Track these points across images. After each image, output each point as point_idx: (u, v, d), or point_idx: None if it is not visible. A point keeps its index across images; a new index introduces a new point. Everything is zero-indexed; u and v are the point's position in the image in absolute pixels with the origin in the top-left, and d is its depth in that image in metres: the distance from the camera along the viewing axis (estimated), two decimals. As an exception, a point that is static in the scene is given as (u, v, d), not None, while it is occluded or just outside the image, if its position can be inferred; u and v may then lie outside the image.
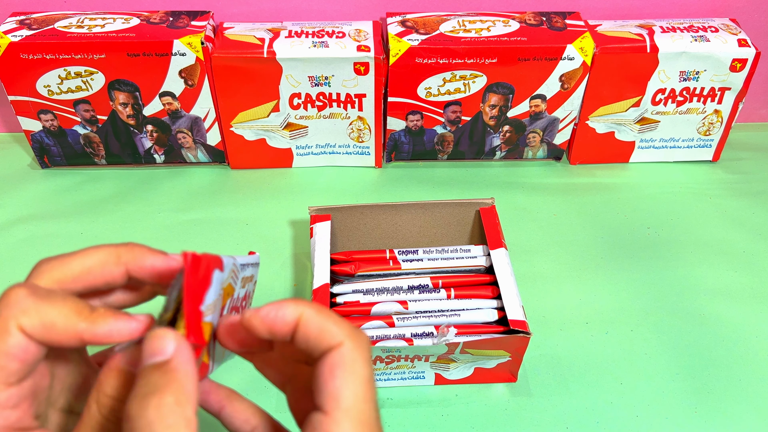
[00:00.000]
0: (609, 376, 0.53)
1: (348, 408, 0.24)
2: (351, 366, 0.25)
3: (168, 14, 0.67)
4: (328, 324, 0.26)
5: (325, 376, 0.25)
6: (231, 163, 0.73)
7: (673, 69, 0.67)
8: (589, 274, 0.61)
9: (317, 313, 0.26)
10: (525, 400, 0.51)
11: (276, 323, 0.26)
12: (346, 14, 0.72)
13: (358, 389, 0.25)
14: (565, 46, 0.64)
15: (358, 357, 0.26)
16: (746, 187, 0.72)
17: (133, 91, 0.66)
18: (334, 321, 0.26)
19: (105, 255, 0.28)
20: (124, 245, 0.28)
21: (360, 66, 0.64)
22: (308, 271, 0.61)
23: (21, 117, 0.68)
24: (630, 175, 0.73)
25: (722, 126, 0.72)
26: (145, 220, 0.67)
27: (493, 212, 0.58)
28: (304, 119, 0.69)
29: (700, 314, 0.58)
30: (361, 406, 0.25)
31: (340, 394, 0.25)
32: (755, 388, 0.52)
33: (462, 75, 0.66)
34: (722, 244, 0.65)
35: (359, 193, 0.70)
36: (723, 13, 0.73)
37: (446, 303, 0.52)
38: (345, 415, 0.24)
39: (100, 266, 0.27)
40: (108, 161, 0.73)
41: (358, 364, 0.25)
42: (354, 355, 0.25)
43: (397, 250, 0.56)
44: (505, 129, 0.71)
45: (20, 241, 0.64)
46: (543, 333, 0.56)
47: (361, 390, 0.25)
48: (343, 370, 0.25)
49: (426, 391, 0.52)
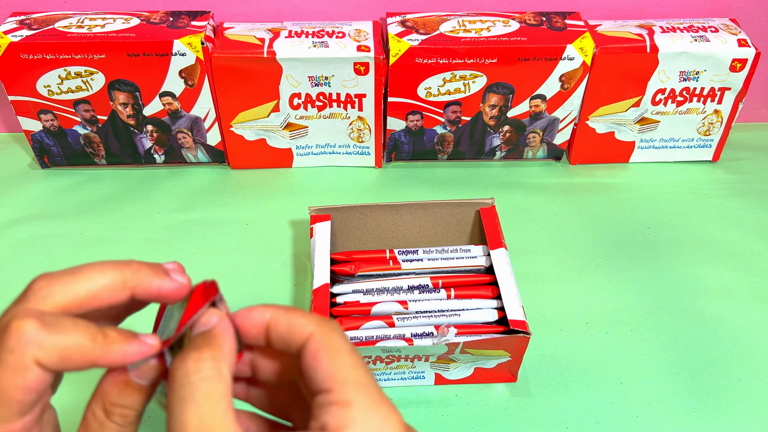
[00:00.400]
0: (609, 376, 0.53)
1: (345, 379, 0.26)
2: (329, 345, 0.27)
3: (168, 14, 0.67)
4: (295, 319, 0.28)
5: (311, 364, 0.26)
6: (231, 163, 0.73)
7: (673, 69, 0.67)
8: (589, 274, 0.61)
9: (284, 313, 0.28)
10: (525, 400, 0.51)
11: (246, 328, 0.28)
12: (346, 14, 0.72)
13: (345, 360, 0.26)
14: (565, 46, 0.64)
15: (333, 336, 0.27)
16: (746, 187, 0.72)
17: (133, 91, 0.66)
18: (301, 315, 0.28)
19: (111, 279, 0.27)
20: (128, 266, 0.28)
21: (360, 66, 0.64)
22: (308, 271, 0.61)
23: (21, 117, 0.68)
24: (630, 175, 0.73)
25: (722, 126, 0.72)
26: (145, 220, 0.67)
27: (493, 212, 0.58)
28: (304, 119, 0.69)
29: (700, 314, 0.58)
30: (355, 372, 0.26)
31: (331, 370, 0.26)
32: (755, 388, 0.52)
33: (462, 75, 0.66)
34: (722, 244, 0.65)
35: (359, 193, 0.70)
36: (723, 13, 0.73)
37: (446, 303, 0.52)
38: (345, 385, 0.26)
39: (107, 291, 0.27)
40: (108, 161, 0.73)
41: (335, 341, 0.27)
42: (327, 337, 0.27)
43: (397, 250, 0.56)
44: (505, 129, 0.71)
45: (20, 241, 0.64)
46: (543, 333, 0.56)
47: (348, 360, 0.26)
48: (324, 352, 0.26)
49: (426, 391, 0.52)
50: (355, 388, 0.26)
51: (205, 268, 0.62)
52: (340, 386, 0.26)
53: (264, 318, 0.28)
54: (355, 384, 0.26)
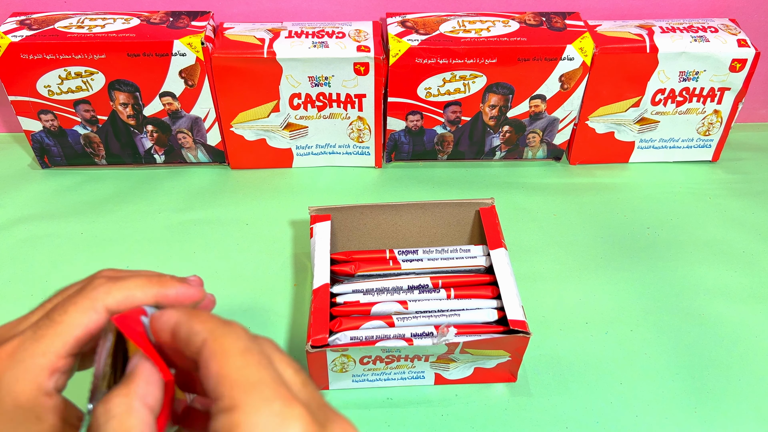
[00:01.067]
0: (609, 376, 0.53)
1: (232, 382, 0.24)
2: (219, 350, 0.25)
3: (168, 14, 0.67)
4: (191, 325, 0.26)
5: (204, 374, 0.25)
6: (231, 163, 0.73)
7: (672, 69, 0.67)
8: (589, 274, 0.61)
9: (186, 320, 0.27)
10: (525, 400, 0.51)
11: (160, 339, 0.28)
12: (346, 14, 0.72)
13: (234, 362, 0.25)
14: (564, 47, 0.64)
15: (224, 340, 0.25)
16: (746, 187, 0.72)
17: (134, 91, 0.66)
18: (198, 321, 0.27)
19: (146, 294, 0.30)
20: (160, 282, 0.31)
21: (360, 66, 0.64)
22: (308, 271, 0.61)
23: (21, 117, 0.68)
24: (630, 175, 0.73)
25: (722, 126, 0.72)
26: (145, 220, 0.67)
27: (492, 212, 0.58)
28: (304, 119, 0.69)
29: (700, 314, 0.58)
30: (245, 372, 0.24)
31: (219, 376, 0.25)
32: (755, 388, 0.52)
33: (462, 75, 0.66)
34: (722, 244, 0.65)
35: (359, 193, 0.70)
36: (723, 13, 0.73)
37: (446, 303, 0.52)
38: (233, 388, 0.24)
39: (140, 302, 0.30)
40: (108, 161, 0.73)
41: (225, 344, 0.25)
42: (218, 342, 0.25)
43: (397, 250, 0.56)
44: (504, 129, 0.71)
45: (20, 241, 0.64)
46: (543, 333, 0.56)
47: (237, 361, 0.25)
48: (212, 358, 0.25)
49: (426, 390, 0.52)
50: (243, 389, 0.24)
51: (205, 268, 0.62)
52: (229, 391, 0.24)
53: (170, 325, 0.27)
54: (243, 385, 0.24)
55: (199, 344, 0.26)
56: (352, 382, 0.51)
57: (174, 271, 0.62)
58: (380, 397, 0.52)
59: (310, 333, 0.47)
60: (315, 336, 0.47)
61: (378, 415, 0.50)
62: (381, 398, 0.52)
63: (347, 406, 0.51)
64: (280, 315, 0.57)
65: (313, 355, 0.47)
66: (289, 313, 0.58)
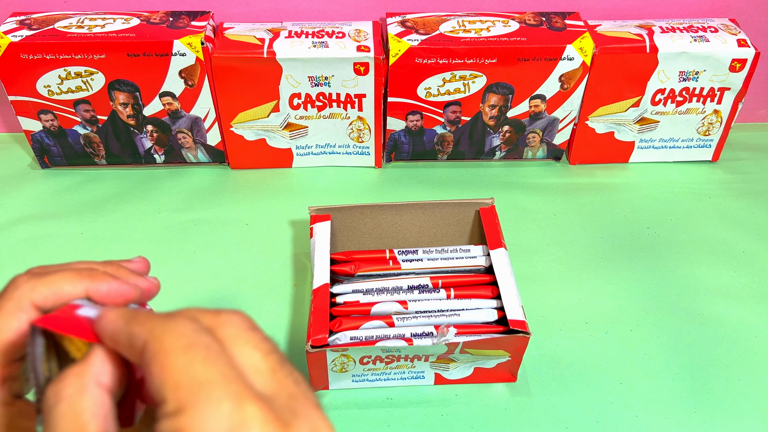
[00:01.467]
0: (609, 376, 0.53)
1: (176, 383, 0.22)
2: (160, 350, 0.23)
3: (168, 14, 0.67)
4: (130, 330, 0.24)
5: (147, 379, 0.23)
6: (231, 163, 0.73)
7: (672, 69, 0.67)
8: (589, 274, 0.61)
9: (125, 324, 0.24)
10: (525, 400, 0.51)
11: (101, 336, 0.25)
12: (346, 14, 0.72)
13: (177, 362, 0.22)
14: (564, 47, 0.64)
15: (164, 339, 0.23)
16: (746, 187, 0.72)
17: (133, 91, 0.66)
18: (138, 322, 0.24)
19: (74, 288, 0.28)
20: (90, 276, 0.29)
21: (360, 66, 0.64)
22: (308, 271, 0.61)
23: (21, 117, 0.68)
24: (629, 175, 0.73)
25: (722, 126, 0.72)
26: (145, 220, 0.67)
27: (492, 212, 0.58)
28: (304, 119, 0.69)
29: (700, 314, 0.58)
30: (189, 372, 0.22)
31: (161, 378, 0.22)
32: (755, 388, 0.52)
33: (462, 75, 0.66)
34: (722, 244, 0.65)
35: (359, 193, 0.70)
36: (723, 13, 0.73)
37: (446, 303, 0.52)
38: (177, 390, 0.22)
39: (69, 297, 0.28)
40: (108, 161, 0.73)
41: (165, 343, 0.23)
42: (159, 341, 0.23)
43: (397, 250, 0.56)
44: (504, 129, 0.71)
45: (20, 241, 0.64)
46: (543, 333, 0.56)
47: (180, 361, 0.22)
48: (154, 361, 0.23)
49: (426, 390, 0.52)
50: (187, 390, 0.22)
51: (205, 268, 0.62)
52: (172, 393, 0.22)
53: (108, 334, 0.25)
54: (188, 385, 0.22)
55: (140, 348, 0.23)
56: (352, 382, 0.51)
57: (174, 271, 0.63)
58: (380, 397, 0.52)
59: (310, 333, 0.47)
60: (315, 336, 0.47)
61: (378, 415, 0.50)
62: (381, 398, 0.52)
63: (347, 406, 0.51)
64: (280, 315, 0.57)
65: (313, 355, 0.47)
66: (289, 313, 0.58)
